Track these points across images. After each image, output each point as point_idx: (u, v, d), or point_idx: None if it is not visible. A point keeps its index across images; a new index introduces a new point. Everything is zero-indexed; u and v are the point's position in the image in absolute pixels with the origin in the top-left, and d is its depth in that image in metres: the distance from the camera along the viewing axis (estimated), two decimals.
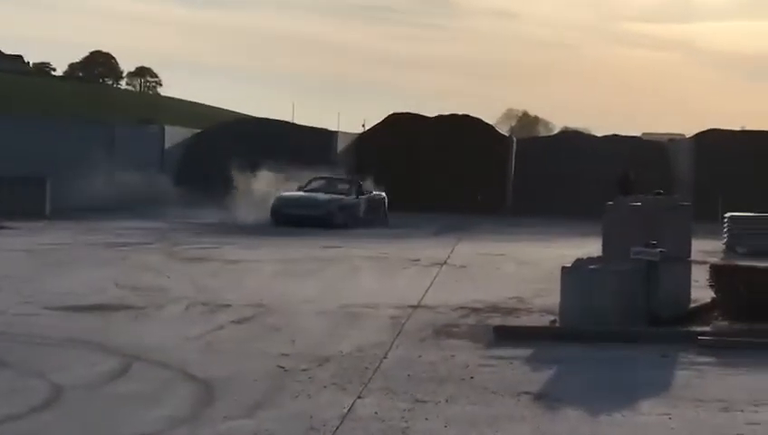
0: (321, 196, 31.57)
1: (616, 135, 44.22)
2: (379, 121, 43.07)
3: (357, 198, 32.27)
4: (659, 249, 13.19)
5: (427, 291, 16.85)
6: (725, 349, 12.11)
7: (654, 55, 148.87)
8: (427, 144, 39.53)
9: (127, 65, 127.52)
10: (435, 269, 20.11)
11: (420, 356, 11.54)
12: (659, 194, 14.99)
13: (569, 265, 13.83)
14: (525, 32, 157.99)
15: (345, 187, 32.81)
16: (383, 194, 33.74)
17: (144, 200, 34.94)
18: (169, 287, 16.60)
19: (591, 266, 13.54)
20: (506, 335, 12.83)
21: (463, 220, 33.46)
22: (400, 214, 33.94)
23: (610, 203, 14.91)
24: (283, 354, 11.40)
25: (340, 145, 42.00)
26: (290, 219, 30.21)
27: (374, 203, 33.04)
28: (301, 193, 31.99)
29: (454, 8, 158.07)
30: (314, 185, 32.78)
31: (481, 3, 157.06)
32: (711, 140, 41.38)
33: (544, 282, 18.16)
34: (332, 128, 46.92)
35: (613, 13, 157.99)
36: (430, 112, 42.02)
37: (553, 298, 15.55)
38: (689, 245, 14.91)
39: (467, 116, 42.54)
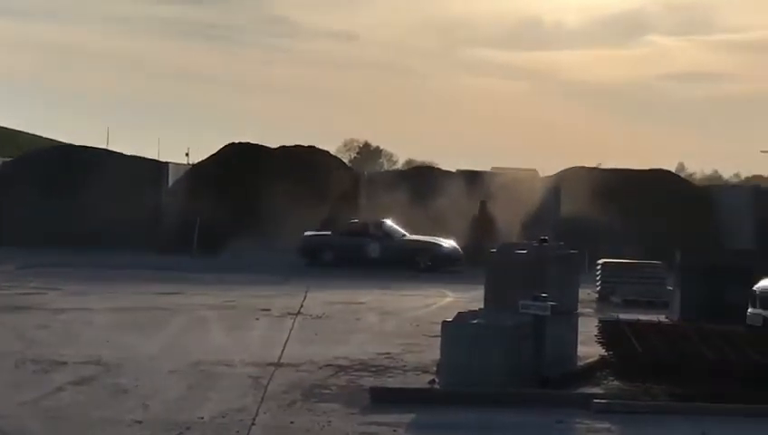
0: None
1: (469, 170, 44.79)
2: (215, 151, 42.60)
3: None
4: (550, 302, 13.24)
5: (285, 346, 16.60)
6: (622, 413, 12.18)
7: (502, 84, 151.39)
8: (269, 177, 39.17)
9: None
10: (289, 320, 19.87)
11: (293, 422, 11.30)
12: (544, 241, 15.06)
13: (449, 319, 13.76)
14: (366, 56, 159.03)
15: None
16: None
17: None
18: None
19: (475, 321, 13.48)
20: (383, 398, 12.66)
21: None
22: (243, 255, 33.91)
23: (494, 250, 14.95)
24: (136, 421, 11.03)
25: (172, 177, 41.36)
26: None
27: None
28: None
29: (292, 28, 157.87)
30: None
31: (320, 23, 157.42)
32: (572, 177, 42.20)
33: (411, 336, 18.22)
34: (151, 156, 46.38)
35: (460, 38, 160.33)
36: (264, 140, 41.96)
37: (426, 354, 15.60)
38: (577, 297, 15.08)
39: (313, 147, 42.52)
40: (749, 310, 17.06)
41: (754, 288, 17.22)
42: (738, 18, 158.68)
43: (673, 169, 58.13)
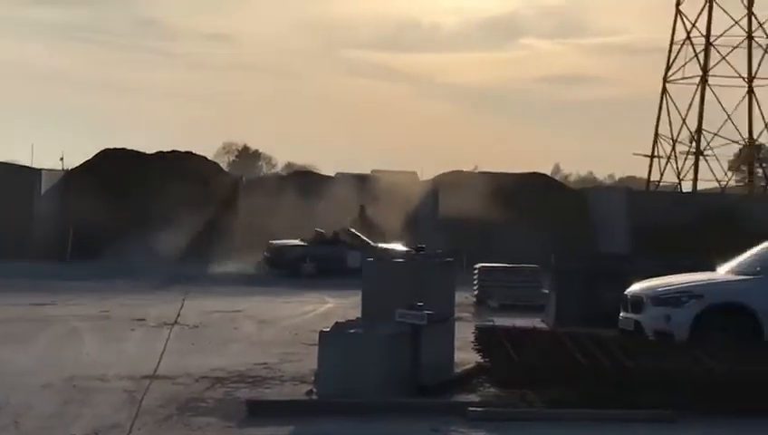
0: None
1: (349, 173, 44.96)
2: (89, 157, 42.02)
3: None
4: (426, 311, 13.27)
5: (161, 357, 16.29)
6: (498, 420, 12.26)
7: (382, 86, 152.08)
8: (145, 183, 38.78)
9: None
10: (165, 331, 19.54)
11: None
12: (421, 249, 15.11)
13: (327, 328, 13.73)
14: (243, 58, 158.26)
15: None
16: None
17: None
18: None
19: (352, 331, 13.47)
20: (260, 410, 12.56)
21: (189, 269, 33.29)
22: (119, 263, 33.51)
23: (370, 259, 14.95)
24: None
25: (45, 185, 40.68)
26: None
27: None
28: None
29: (166, 30, 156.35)
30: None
31: (195, 25, 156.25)
32: (450, 181, 42.58)
33: (290, 345, 18.16)
34: (25, 162, 45.61)
35: (339, 39, 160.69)
36: (140, 144, 41.66)
37: (304, 364, 15.55)
38: (453, 303, 15.16)
39: (190, 153, 42.24)
40: (621, 314, 17.34)
41: (626, 292, 17.50)
42: (610, 22, 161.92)
43: (549, 172, 59.07)
